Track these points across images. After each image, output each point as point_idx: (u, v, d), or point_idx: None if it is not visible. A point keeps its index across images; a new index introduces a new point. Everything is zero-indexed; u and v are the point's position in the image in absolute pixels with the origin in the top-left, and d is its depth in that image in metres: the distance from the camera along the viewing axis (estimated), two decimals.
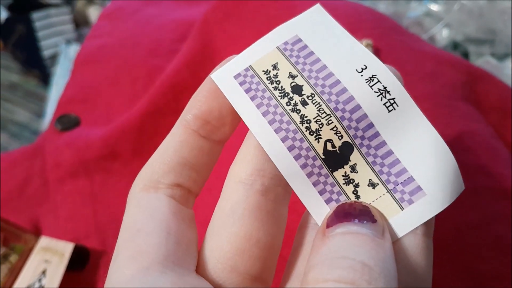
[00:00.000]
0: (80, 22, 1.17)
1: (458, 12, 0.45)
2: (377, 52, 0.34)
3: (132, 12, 0.49)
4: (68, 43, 1.07)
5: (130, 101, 0.42)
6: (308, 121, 0.16)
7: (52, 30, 1.15)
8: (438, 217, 0.15)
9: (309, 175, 0.16)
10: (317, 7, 0.19)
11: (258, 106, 0.17)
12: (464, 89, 0.34)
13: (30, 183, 0.41)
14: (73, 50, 0.95)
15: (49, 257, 0.35)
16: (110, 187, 0.39)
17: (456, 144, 0.30)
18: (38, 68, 1.17)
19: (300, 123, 0.16)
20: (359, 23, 0.35)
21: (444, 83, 0.33)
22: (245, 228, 0.15)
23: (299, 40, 0.18)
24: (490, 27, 0.44)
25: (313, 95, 0.17)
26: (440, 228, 0.20)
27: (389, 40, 0.34)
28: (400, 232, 0.15)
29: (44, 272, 0.34)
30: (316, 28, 0.18)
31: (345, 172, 0.16)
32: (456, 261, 0.27)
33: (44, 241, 0.36)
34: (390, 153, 0.16)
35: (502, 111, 0.36)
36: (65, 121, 0.42)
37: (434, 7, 0.48)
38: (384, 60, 0.33)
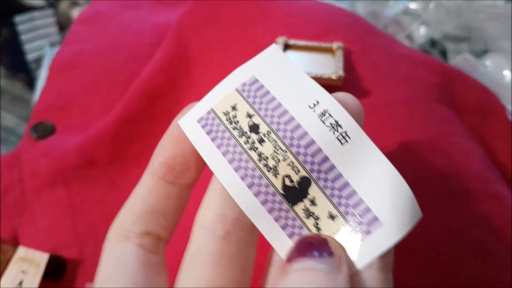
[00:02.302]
0: (64, 24, 1.16)
1: (436, 10, 0.45)
2: (349, 55, 0.33)
3: (111, 17, 0.49)
4: (53, 45, 1.06)
5: (109, 108, 0.41)
6: (265, 158, 0.17)
7: (36, 33, 1.13)
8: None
9: (270, 210, 0.17)
10: (273, 47, 0.19)
11: (219, 146, 0.17)
12: (440, 91, 0.33)
13: (10, 192, 0.40)
14: None
15: (26, 268, 0.34)
16: (88, 196, 0.38)
17: (432, 146, 0.30)
18: (24, 71, 1.16)
19: (258, 161, 0.17)
20: (334, 27, 0.35)
21: (419, 85, 0.32)
22: (207, 275, 0.16)
23: (256, 81, 0.19)
24: (468, 25, 0.44)
25: (269, 133, 0.17)
26: (417, 234, 0.20)
27: (364, 44, 0.34)
28: (359, 263, 0.16)
29: (21, 283, 0.34)
30: (271, 67, 0.19)
31: (305, 206, 0.17)
32: (434, 267, 0.27)
33: (21, 251, 0.35)
34: (346, 184, 0.16)
35: (479, 112, 0.36)
36: (41, 129, 0.41)
37: (412, 5, 0.48)
38: (358, 64, 0.33)
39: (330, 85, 0.30)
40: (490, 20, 0.42)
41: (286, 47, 0.33)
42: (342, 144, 0.17)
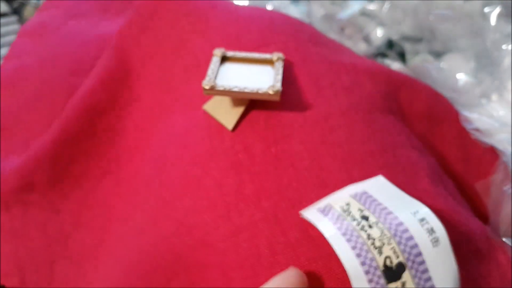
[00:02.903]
0: None
1: (392, 10, 0.44)
2: (290, 66, 0.32)
3: (55, 28, 0.47)
4: None
5: (50, 125, 0.39)
6: (373, 239, 0.21)
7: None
8: None
9: (370, 281, 0.20)
10: (379, 177, 0.26)
11: (334, 223, 0.22)
12: (385, 100, 0.32)
13: None
14: None
15: None
16: (30, 221, 0.37)
17: (375, 162, 0.28)
18: None
19: (367, 239, 0.21)
20: (273, 35, 0.33)
21: (362, 96, 0.31)
22: None
23: (366, 192, 0.24)
24: (425, 25, 0.43)
25: (377, 223, 0.22)
26: None
27: (304, 52, 0.32)
28: None
29: None
30: (378, 187, 0.25)
31: (397, 286, 0.21)
32: None
33: None
34: (429, 279, 0.21)
35: (429, 118, 0.34)
36: None
37: (370, 6, 0.46)
38: (298, 74, 0.31)
39: (267, 100, 0.29)
40: (447, 20, 0.41)
41: (224, 59, 0.31)
42: (433, 246, 0.21)
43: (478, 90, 0.36)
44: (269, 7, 0.49)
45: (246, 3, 0.49)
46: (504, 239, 0.29)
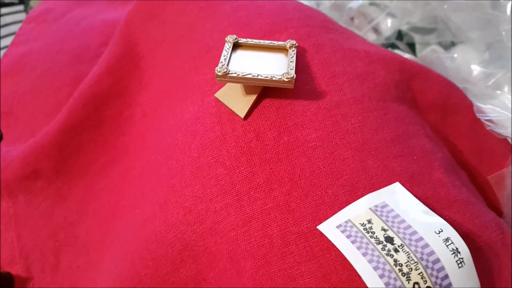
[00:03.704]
0: None
1: (402, 1, 0.43)
2: (302, 52, 0.31)
3: (60, 14, 0.46)
4: None
5: (55, 112, 0.39)
6: (400, 265, 0.21)
7: (6, 30, 1.09)
8: None
9: None
10: (396, 184, 0.25)
11: (358, 248, 0.21)
12: (398, 89, 0.31)
13: None
14: None
15: None
16: (34, 208, 0.36)
17: (389, 150, 0.28)
18: None
19: (393, 265, 0.21)
20: (286, 22, 0.32)
21: (375, 84, 0.30)
22: None
23: (387, 205, 0.23)
24: (436, 16, 0.42)
25: (402, 246, 0.21)
26: None
27: (317, 39, 0.32)
28: None
29: None
30: (397, 197, 0.24)
31: None
32: None
33: None
34: None
35: (442, 108, 0.34)
36: None
37: None
38: (311, 61, 0.31)
39: (281, 87, 0.28)
40: (460, 9, 0.40)
41: (236, 46, 0.30)
42: (459, 267, 0.21)
43: (491, 81, 0.36)
44: None
45: None
46: None
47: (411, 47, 0.45)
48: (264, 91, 0.29)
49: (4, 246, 0.35)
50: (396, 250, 0.21)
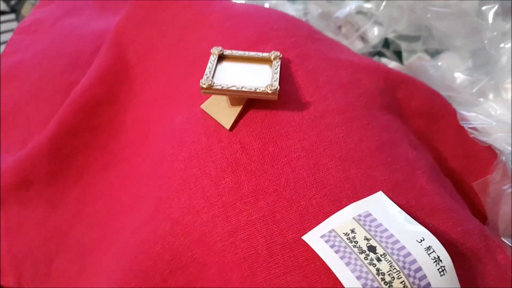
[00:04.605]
0: None
1: (388, 9, 0.43)
2: (287, 63, 0.32)
3: (51, 24, 0.46)
4: None
5: (48, 119, 0.39)
6: (382, 274, 0.21)
7: None
8: None
9: None
10: (380, 194, 0.26)
11: (342, 258, 0.22)
12: (383, 97, 0.32)
13: None
14: None
15: None
16: (26, 218, 0.36)
17: (372, 159, 0.28)
18: None
19: (376, 274, 0.21)
20: (271, 32, 0.33)
21: (360, 93, 0.31)
22: None
23: (370, 214, 0.24)
24: (421, 23, 0.43)
25: (385, 255, 0.22)
26: None
27: (303, 49, 0.32)
28: None
29: None
30: (380, 206, 0.25)
31: None
32: None
33: None
34: None
35: (427, 116, 0.34)
36: None
37: (366, 5, 0.46)
38: (295, 72, 0.31)
39: (265, 99, 0.28)
40: (444, 17, 0.41)
41: (221, 58, 0.31)
42: (441, 275, 0.22)
43: (475, 88, 0.36)
44: (266, 5, 0.49)
45: (243, 1, 0.49)
46: (503, 239, 0.29)
47: (398, 54, 0.46)
48: (249, 102, 0.30)
49: None
50: (378, 259, 0.22)
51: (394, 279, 0.21)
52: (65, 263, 0.35)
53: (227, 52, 0.31)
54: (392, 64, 0.43)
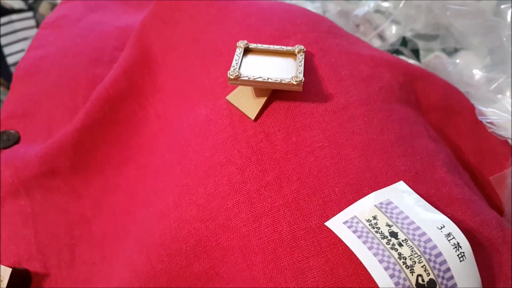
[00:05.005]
0: None
1: (406, 8, 0.44)
2: (310, 57, 0.33)
3: (76, 20, 0.48)
4: None
5: (71, 114, 0.40)
6: (404, 258, 0.22)
7: (15, 36, 1.12)
8: None
9: None
10: (401, 183, 0.26)
11: (364, 243, 0.23)
12: (402, 91, 0.33)
13: None
14: None
15: None
16: (51, 206, 0.37)
17: (393, 150, 0.29)
18: (4, 75, 1.14)
19: (398, 259, 0.22)
20: (293, 27, 0.34)
21: (381, 86, 0.32)
22: None
23: (391, 202, 0.25)
24: (439, 23, 0.44)
25: (406, 240, 0.22)
26: None
27: (324, 44, 0.33)
28: None
29: None
30: (401, 195, 0.25)
31: None
32: None
33: None
34: None
35: (444, 110, 0.35)
36: (5, 139, 0.40)
37: (384, 3, 0.47)
38: (318, 65, 0.32)
39: (290, 90, 0.29)
40: (462, 16, 0.41)
41: (247, 51, 0.32)
42: (460, 261, 0.22)
43: (493, 86, 0.37)
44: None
45: None
46: None
47: (415, 53, 0.46)
48: (274, 94, 0.31)
49: (23, 243, 0.36)
50: (400, 244, 0.22)
51: (415, 263, 0.22)
52: (89, 250, 0.36)
53: (252, 45, 0.32)
54: (410, 62, 0.44)
